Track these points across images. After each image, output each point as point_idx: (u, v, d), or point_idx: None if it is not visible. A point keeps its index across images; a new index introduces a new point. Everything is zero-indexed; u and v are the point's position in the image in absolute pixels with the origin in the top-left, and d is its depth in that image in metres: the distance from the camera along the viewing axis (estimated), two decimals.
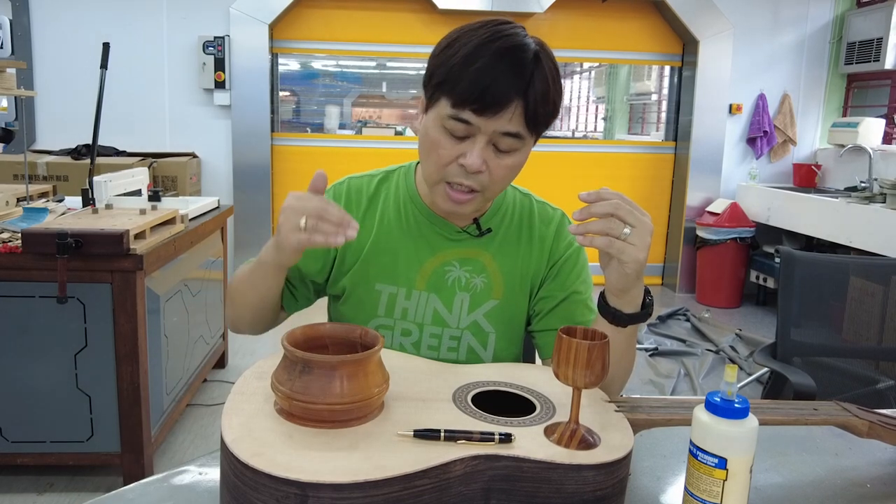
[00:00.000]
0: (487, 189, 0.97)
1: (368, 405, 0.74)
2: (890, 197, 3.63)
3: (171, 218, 2.34)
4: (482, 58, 0.88)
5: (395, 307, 1.07)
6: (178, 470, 0.83)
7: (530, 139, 0.95)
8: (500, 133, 0.91)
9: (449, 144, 0.94)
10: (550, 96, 0.92)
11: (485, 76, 0.88)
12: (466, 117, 0.90)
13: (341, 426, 0.73)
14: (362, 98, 5.28)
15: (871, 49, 4.53)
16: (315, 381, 0.72)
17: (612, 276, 0.86)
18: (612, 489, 0.72)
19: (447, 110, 0.91)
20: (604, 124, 6.15)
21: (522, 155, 0.97)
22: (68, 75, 4.37)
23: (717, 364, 3.52)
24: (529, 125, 0.92)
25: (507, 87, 0.88)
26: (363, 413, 0.74)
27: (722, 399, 0.69)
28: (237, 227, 4.60)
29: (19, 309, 2.03)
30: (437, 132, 0.94)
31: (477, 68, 0.88)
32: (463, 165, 0.93)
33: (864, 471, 0.91)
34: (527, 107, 0.90)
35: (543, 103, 0.91)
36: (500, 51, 0.89)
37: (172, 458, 2.42)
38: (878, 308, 1.80)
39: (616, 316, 0.89)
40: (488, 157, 0.93)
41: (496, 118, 0.90)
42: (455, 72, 0.90)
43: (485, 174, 0.94)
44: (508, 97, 0.88)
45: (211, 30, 4.43)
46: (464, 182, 0.95)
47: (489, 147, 0.93)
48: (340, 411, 0.72)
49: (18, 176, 3.71)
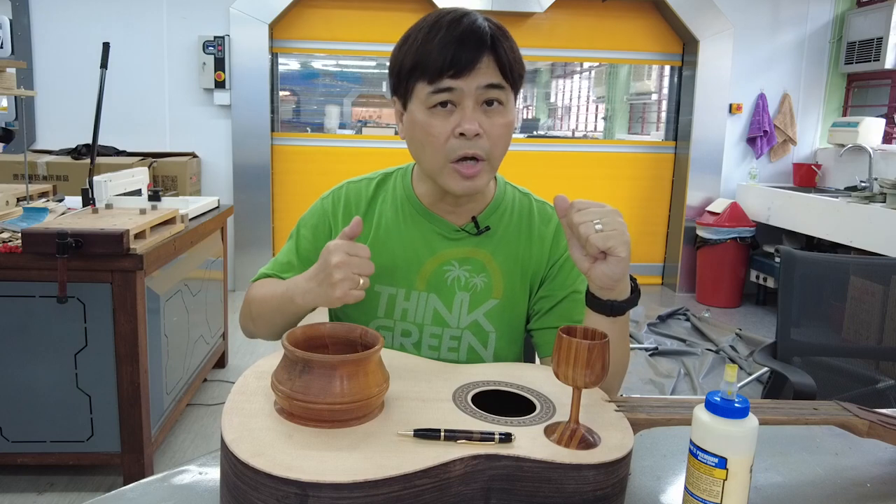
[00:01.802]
0: (490, 155, 0.98)
1: (368, 405, 0.74)
2: (890, 197, 3.63)
3: (171, 218, 2.34)
4: (440, 31, 0.94)
5: (395, 308, 1.07)
6: (178, 470, 0.83)
7: (511, 94, 0.98)
8: (484, 86, 0.94)
9: (440, 122, 0.96)
10: (515, 48, 0.98)
11: (450, 43, 0.93)
12: (447, 84, 0.93)
13: (341, 426, 0.73)
14: (362, 98, 5.28)
15: (871, 49, 4.53)
16: (315, 381, 0.72)
17: (607, 268, 0.85)
18: (612, 489, 0.72)
19: (426, 90, 0.95)
20: (604, 124, 6.15)
21: (510, 112, 0.99)
22: (68, 75, 4.37)
23: (717, 364, 3.52)
24: (506, 75, 0.96)
25: (473, 43, 0.93)
26: (363, 413, 0.74)
27: (722, 399, 0.69)
28: (237, 226, 4.60)
29: (19, 309, 2.03)
30: (425, 116, 0.96)
31: (440, 39, 0.93)
32: (462, 133, 0.95)
33: (864, 470, 0.91)
34: (498, 57, 0.94)
35: (511, 51, 0.96)
36: (453, 21, 0.95)
37: (172, 458, 2.42)
38: (878, 308, 1.80)
39: (613, 307, 0.89)
40: (481, 120, 0.96)
41: (474, 74, 0.93)
42: (421, 52, 0.95)
43: (483, 138, 0.96)
44: (479, 51, 0.93)
45: (211, 30, 4.43)
46: (467, 152, 0.96)
47: (479, 109, 0.95)
48: (341, 411, 0.72)
49: (18, 176, 3.71)
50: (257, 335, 1.11)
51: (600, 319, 0.90)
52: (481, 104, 0.95)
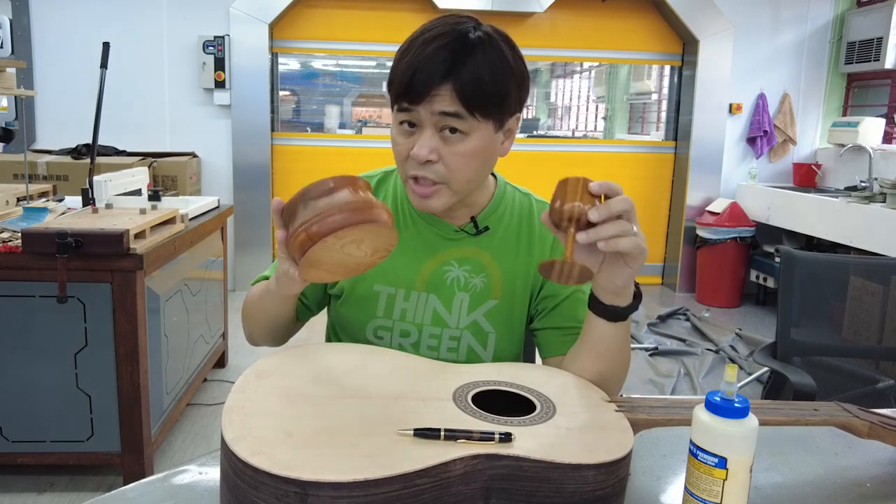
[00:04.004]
0: (449, 181, 0.97)
1: (375, 206, 0.78)
2: (890, 196, 3.63)
3: (171, 218, 2.34)
4: (412, 50, 0.93)
5: (394, 308, 1.07)
6: (178, 470, 0.83)
7: (479, 122, 0.94)
8: (440, 114, 0.93)
9: (402, 140, 0.97)
10: (486, 73, 0.92)
11: (412, 65, 0.92)
12: (406, 106, 0.94)
13: (358, 226, 0.76)
14: (362, 98, 5.28)
15: (871, 49, 4.53)
16: (322, 203, 0.77)
17: (617, 276, 0.85)
18: (612, 489, 0.72)
19: (395, 108, 0.96)
20: (604, 124, 6.15)
21: (476, 141, 0.95)
22: (68, 75, 4.37)
23: (717, 364, 3.52)
24: (468, 104, 0.92)
25: (432, 68, 0.91)
26: (375, 212, 0.78)
27: (722, 399, 0.69)
28: (237, 226, 4.60)
29: (19, 309, 2.03)
30: (394, 132, 0.98)
31: (406, 60, 0.93)
32: (412, 157, 0.95)
33: (864, 470, 0.91)
34: (457, 86, 0.91)
35: (475, 80, 0.91)
36: (427, 40, 0.93)
37: (172, 458, 2.42)
38: (878, 308, 1.80)
39: (615, 313, 0.89)
40: (439, 146, 0.95)
41: (429, 101, 0.92)
42: (393, 70, 0.96)
43: (439, 164, 0.95)
44: (433, 79, 0.91)
45: (211, 29, 4.43)
46: (419, 174, 0.96)
47: (438, 136, 0.95)
48: (355, 209, 0.76)
49: (18, 176, 3.71)
50: (255, 340, 1.12)
51: (601, 322, 0.90)
52: (441, 130, 0.94)
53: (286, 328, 1.10)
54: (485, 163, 0.99)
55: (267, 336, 1.10)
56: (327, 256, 0.80)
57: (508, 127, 1.00)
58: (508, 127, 1.00)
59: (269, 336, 1.10)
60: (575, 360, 0.96)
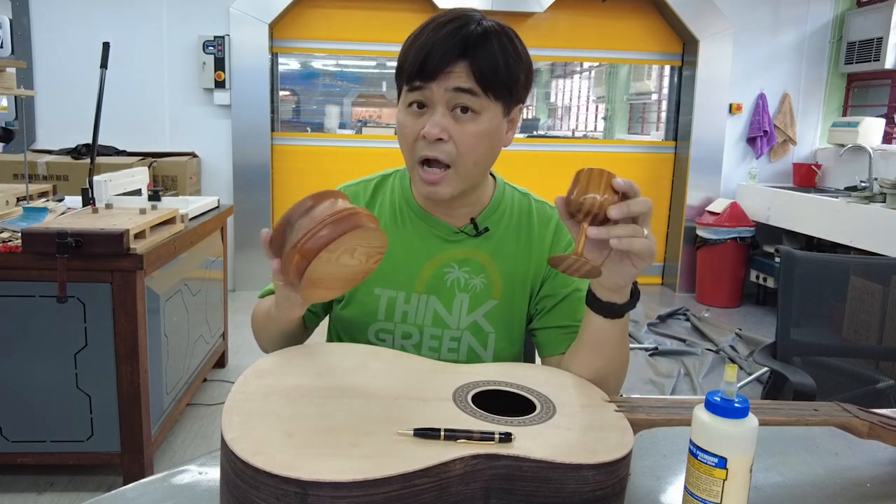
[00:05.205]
0: (458, 163, 0.97)
1: (357, 212, 0.79)
2: (890, 197, 3.63)
3: (171, 217, 2.34)
4: (425, 34, 0.94)
5: (395, 311, 1.07)
6: (178, 470, 0.83)
7: (491, 103, 0.96)
8: (453, 90, 0.93)
9: (412, 121, 0.97)
10: (500, 56, 0.94)
11: (426, 45, 0.93)
12: (418, 85, 0.94)
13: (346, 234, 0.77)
14: (362, 98, 5.28)
15: (871, 49, 4.53)
16: (305, 221, 0.78)
17: (620, 274, 0.85)
18: (612, 489, 0.72)
19: (405, 91, 0.97)
20: (604, 124, 6.15)
21: (487, 121, 0.96)
22: (68, 75, 4.37)
23: (717, 364, 3.52)
24: (482, 83, 0.94)
25: (447, 47, 0.92)
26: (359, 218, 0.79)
27: (722, 399, 0.69)
28: (237, 226, 4.59)
29: (19, 309, 2.03)
30: (402, 114, 0.99)
31: (420, 42, 0.94)
32: (424, 136, 0.95)
33: (864, 471, 0.91)
34: (473, 64, 0.93)
35: (490, 60, 0.94)
36: (440, 24, 0.95)
37: (172, 458, 2.42)
38: (878, 308, 1.80)
39: (612, 309, 0.89)
40: (449, 125, 0.95)
41: (444, 77, 0.93)
42: (404, 54, 0.96)
43: (450, 143, 0.95)
44: (450, 56, 0.92)
45: (211, 29, 4.43)
46: (427, 154, 0.96)
47: (449, 115, 0.95)
48: (339, 219, 0.77)
49: (18, 176, 3.71)
50: (269, 350, 1.11)
51: (598, 319, 0.90)
52: (453, 109, 0.95)
53: (296, 338, 1.10)
54: (491, 147, 1.00)
55: (279, 347, 1.09)
56: (325, 272, 0.80)
57: (512, 117, 1.02)
58: (512, 117, 1.02)
59: (281, 347, 1.09)
60: (573, 357, 0.96)
